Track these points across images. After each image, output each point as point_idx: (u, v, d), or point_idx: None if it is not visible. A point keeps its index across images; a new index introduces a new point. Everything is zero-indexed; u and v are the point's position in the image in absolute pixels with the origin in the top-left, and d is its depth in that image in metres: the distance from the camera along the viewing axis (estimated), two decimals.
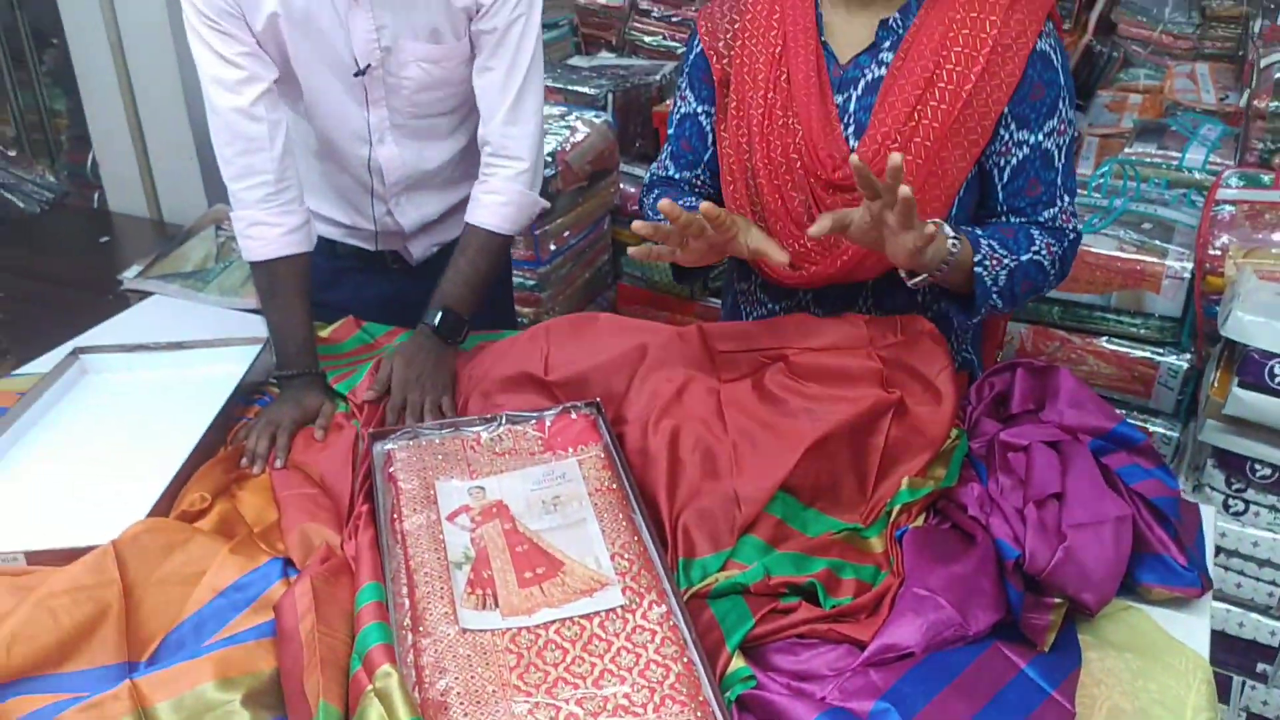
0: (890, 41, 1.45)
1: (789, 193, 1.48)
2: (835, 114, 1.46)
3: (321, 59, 1.63)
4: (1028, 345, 2.19)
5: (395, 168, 1.76)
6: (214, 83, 1.59)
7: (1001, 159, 1.45)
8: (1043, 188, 1.45)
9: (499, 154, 1.70)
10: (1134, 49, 3.36)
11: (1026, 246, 1.43)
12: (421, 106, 1.71)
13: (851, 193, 1.42)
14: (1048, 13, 1.42)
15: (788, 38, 1.48)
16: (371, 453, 1.35)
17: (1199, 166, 2.49)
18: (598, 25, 3.93)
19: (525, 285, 2.77)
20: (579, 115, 2.93)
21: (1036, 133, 1.43)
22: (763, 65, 1.48)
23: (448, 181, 1.84)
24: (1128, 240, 2.09)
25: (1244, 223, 1.95)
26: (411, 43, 1.63)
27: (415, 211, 1.83)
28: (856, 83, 1.46)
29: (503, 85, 1.66)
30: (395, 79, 1.66)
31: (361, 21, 1.60)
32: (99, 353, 1.69)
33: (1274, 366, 1.60)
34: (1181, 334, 2.09)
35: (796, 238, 1.48)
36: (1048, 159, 1.45)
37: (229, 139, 1.60)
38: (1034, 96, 1.42)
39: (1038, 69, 1.41)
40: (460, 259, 1.70)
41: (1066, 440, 1.34)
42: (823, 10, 1.49)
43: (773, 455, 1.28)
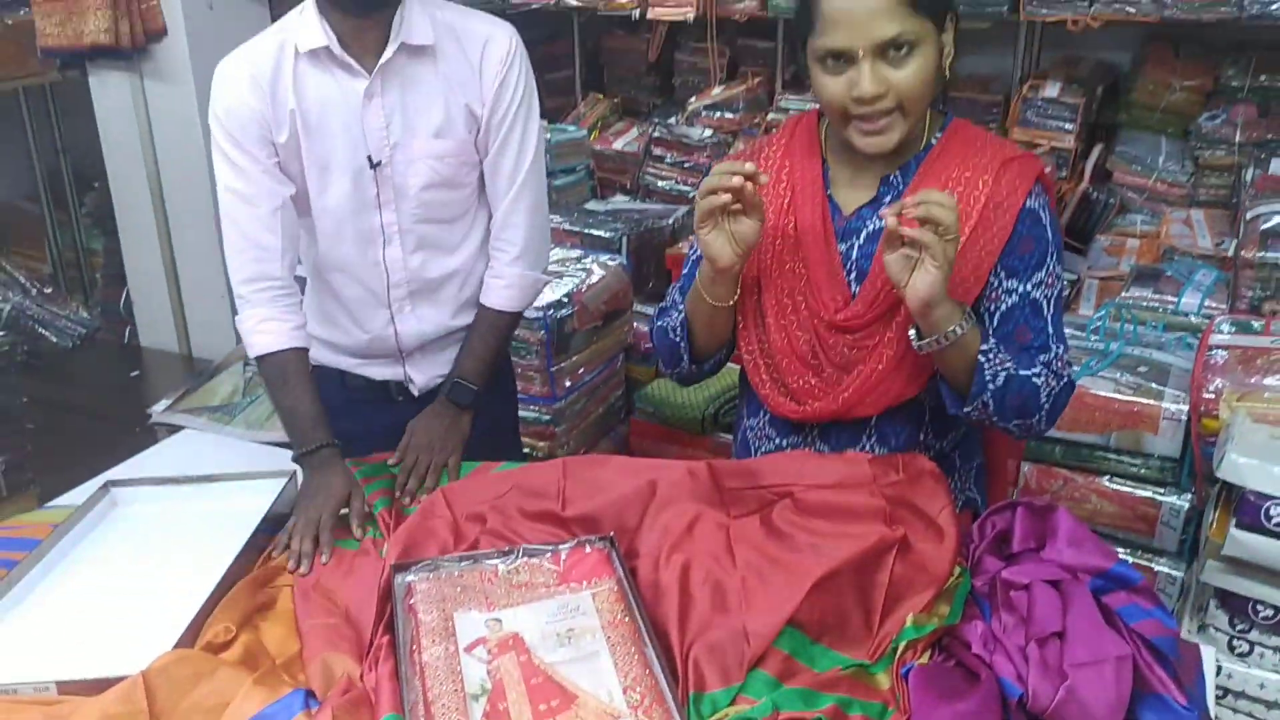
0: (891, 196, 1.55)
1: (795, 332, 1.57)
2: (839, 261, 1.55)
3: (334, 159, 1.76)
4: (1032, 483, 2.23)
5: (400, 269, 1.85)
6: (233, 196, 1.75)
7: (992, 304, 1.54)
8: (1033, 334, 1.53)
9: (500, 239, 1.90)
10: (1130, 195, 3.48)
11: (1028, 365, 1.50)
12: (428, 208, 1.82)
13: (853, 334, 1.52)
14: (1037, 175, 1.52)
15: (796, 189, 1.59)
16: (393, 584, 1.39)
17: (1194, 311, 2.57)
18: (613, 170, 4.10)
19: (540, 420, 2.84)
20: (594, 258, 3.05)
21: (1025, 283, 1.52)
22: (772, 214, 1.59)
23: (449, 300, 1.92)
24: (1124, 382, 2.15)
25: (1236, 367, 2.02)
26: (419, 140, 1.77)
27: (416, 324, 1.91)
28: (859, 232, 1.56)
29: (510, 175, 1.86)
30: (403, 178, 1.79)
31: (374, 118, 1.74)
32: (130, 485, 1.74)
33: (1270, 508, 1.64)
34: (1181, 474, 2.13)
35: (801, 375, 1.57)
36: (1036, 308, 1.53)
37: (243, 247, 1.76)
38: (1023, 250, 1.51)
39: (1027, 225, 1.51)
40: (472, 336, 1.91)
41: (1067, 579, 1.37)
42: (829, 165, 1.60)
43: (781, 590, 1.32)
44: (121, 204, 3.25)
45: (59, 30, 2.90)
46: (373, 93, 1.74)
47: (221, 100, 1.73)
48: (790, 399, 1.59)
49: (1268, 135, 3.24)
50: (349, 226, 1.81)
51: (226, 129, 1.73)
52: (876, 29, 1.40)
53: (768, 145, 1.66)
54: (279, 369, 1.78)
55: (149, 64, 3.01)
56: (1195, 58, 3.52)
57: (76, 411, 2.94)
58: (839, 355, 1.55)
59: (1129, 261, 3.06)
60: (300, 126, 1.73)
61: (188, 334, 3.28)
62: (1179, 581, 2.21)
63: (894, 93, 1.43)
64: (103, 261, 4.15)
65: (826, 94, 1.46)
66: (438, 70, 1.77)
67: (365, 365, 1.96)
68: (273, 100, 1.72)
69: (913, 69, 1.42)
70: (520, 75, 1.83)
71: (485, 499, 1.62)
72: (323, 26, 1.70)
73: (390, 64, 1.73)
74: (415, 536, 1.52)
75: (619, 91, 4.54)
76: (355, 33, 1.72)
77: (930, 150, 1.55)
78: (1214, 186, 3.35)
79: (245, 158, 1.73)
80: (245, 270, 1.77)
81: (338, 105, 1.74)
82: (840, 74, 1.44)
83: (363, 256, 1.84)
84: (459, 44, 1.78)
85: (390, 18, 1.72)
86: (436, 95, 1.77)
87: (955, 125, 1.58)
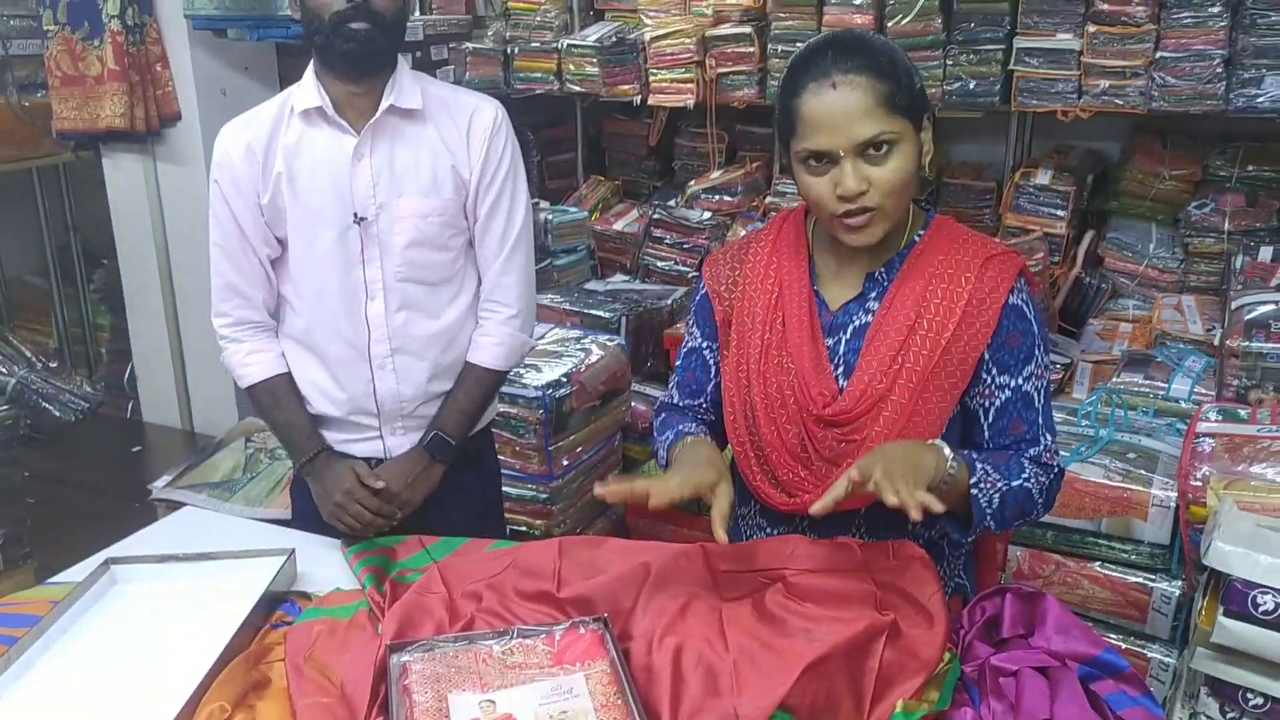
0: (876, 292, 1.59)
1: (784, 426, 1.59)
2: (826, 355, 1.59)
3: (322, 214, 1.86)
4: (1024, 568, 2.24)
5: (382, 326, 1.91)
6: (219, 250, 1.91)
7: (986, 400, 1.57)
8: (1026, 427, 1.57)
9: (492, 300, 1.99)
10: (1122, 281, 3.54)
11: (1018, 473, 1.53)
12: (411, 267, 1.90)
13: (842, 427, 1.54)
14: (1018, 271, 1.57)
15: (784, 285, 1.63)
16: (388, 665, 1.41)
17: (1185, 397, 2.61)
18: (613, 250, 4.17)
19: (538, 499, 2.86)
20: (593, 338, 3.09)
21: (1017, 376, 1.56)
22: (760, 309, 1.63)
23: (430, 363, 1.97)
24: (1114, 469, 2.18)
25: (1223, 455, 2.05)
26: (405, 198, 1.86)
27: (395, 384, 1.95)
28: (846, 327, 1.60)
29: (500, 240, 1.96)
30: (388, 235, 1.87)
31: (362, 176, 1.85)
32: (130, 563, 1.76)
33: (1257, 596, 1.65)
34: (1172, 561, 2.15)
35: (791, 468, 1.59)
36: (1028, 401, 1.57)
37: (227, 295, 1.93)
38: (1011, 344, 1.55)
39: (1012, 320, 1.55)
40: (457, 390, 1.99)
41: (1055, 666, 1.39)
42: (815, 260, 1.65)
43: (772, 674, 1.33)
44: (130, 281, 3.30)
45: (75, 114, 2.98)
46: (362, 152, 1.85)
47: (219, 166, 1.89)
48: (781, 491, 1.62)
49: (1256, 224, 3.31)
50: (333, 281, 1.90)
51: (220, 192, 1.88)
52: (856, 130, 1.45)
53: (755, 241, 1.71)
54: (270, 393, 1.95)
55: (162, 147, 3.09)
56: (1183, 148, 3.61)
57: (77, 486, 2.96)
58: (828, 449, 1.57)
59: (1121, 345, 3.11)
60: (286, 187, 1.86)
61: (190, 410, 3.31)
62: (1171, 669, 2.21)
63: (876, 189, 1.47)
64: (109, 337, 4.20)
65: (812, 193, 1.51)
66: (426, 132, 1.89)
67: (347, 443, 2.00)
68: (263, 163, 1.86)
69: (892, 166, 1.47)
70: (506, 143, 1.95)
71: (481, 577, 1.64)
72: (318, 90, 1.85)
73: (380, 124, 1.85)
74: (411, 613, 1.54)
75: (620, 174, 4.64)
76: (348, 97, 1.85)
77: (914, 247, 1.59)
78: (1204, 273, 3.40)
79: (233, 220, 1.89)
80: (230, 316, 1.94)
81: (328, 163, 1.85)
82: (823, 174, 1.49)
83: (346, 312, 1.91)
84: (448, 112, 1.91)
85: (383, 85, 1.86)
86: (424, 155, 1.88)
87: (938, 222, 1.63)
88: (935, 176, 4.03)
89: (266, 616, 1.64)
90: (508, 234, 1.96)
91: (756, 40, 3.73)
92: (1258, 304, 2.50)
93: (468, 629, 1.50)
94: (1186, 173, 3.53)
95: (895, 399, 1.52)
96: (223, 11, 2.81)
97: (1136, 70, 3.15)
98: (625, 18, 4.17)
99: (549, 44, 4.12)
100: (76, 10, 2.90)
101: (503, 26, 4.24)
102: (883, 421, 1.53)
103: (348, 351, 1.93)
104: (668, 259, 3.99)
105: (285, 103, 1.89)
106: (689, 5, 3.95)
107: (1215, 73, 3.06)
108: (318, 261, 1.89)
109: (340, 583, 1.75)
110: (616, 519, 3.15)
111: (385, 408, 1.96)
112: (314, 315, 1.93)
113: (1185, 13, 3.07)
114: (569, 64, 4.07)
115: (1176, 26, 3.09)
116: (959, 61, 3.42)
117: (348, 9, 1.77)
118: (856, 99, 1.45)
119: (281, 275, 1.94)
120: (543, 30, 4.16)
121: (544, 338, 3.12)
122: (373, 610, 1.62)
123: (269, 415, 1.98)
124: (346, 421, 1.98)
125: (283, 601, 1.70)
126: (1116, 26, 3.15)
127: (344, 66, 1.82)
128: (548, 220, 3.86)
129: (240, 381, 1.97)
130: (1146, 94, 3.17)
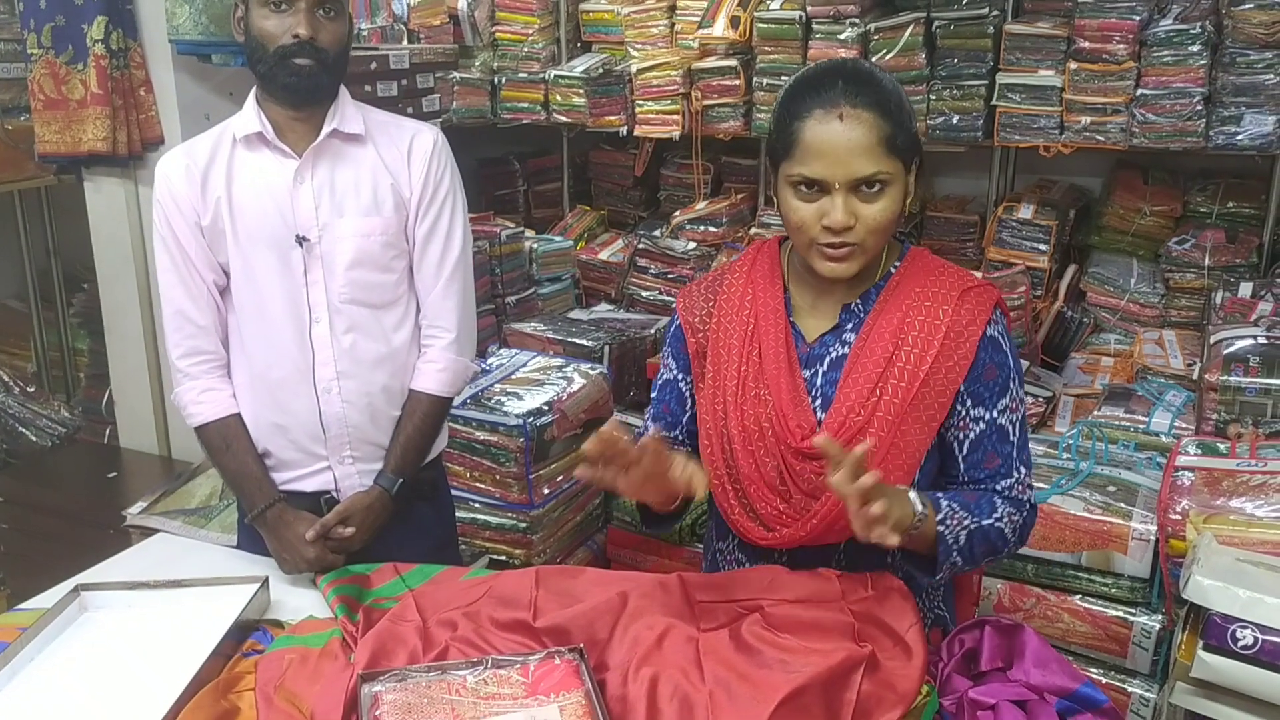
0: (853, 324, 1.58)
1: (762, 458, 1.58)
2: (803, 387, 1.57)
3: (264, 237, 1.87)
4: (1005, 601, 2.24)
5: (327, 348, 1.92)
6: (168, 276, 1.90)
7: (961, 433, 1.56)
8: (1000, 460, 1.56)
9: (433, 325, 2.00)
10: (1104, 315, 3.56)
11: (989, 512, 1.53)
12: (354, 288, 1.91)
13: (820, 460, 1.51)
14: (995, 303, 1.56)
15: (759, 317, 1.62)
16: (360, 694, 1.39)
17: (1165, 431, 2.62)
18: (598, 279, 4.18)
19: (518, 528, 2.84)
20: (576, 367, 3.08)
21: (991, 409, 1.55)
22: (736, 341, 1.62)
23: (378, 387, 1.96)
24: (1094, 502, 2.17)
25: (1202, 489, 2.05)
26: (347, 219, 1.89)
27: (341, 406, 1.94)
28: (823, 359, 1.59)
29: (438, 264, 1.98)
30: (331, 256, 1.89)
31: (304, 199, 1.87)
32: (100, 589, 1.74)
33: (1236, 631, 1.64)
34: (1152, 595, 2.14)
35: (770, 502, 1.57)
36: (1003, 434, 1.56)
37: (179, 324, 1.92)
38: (987, 377, 1.54)
39: (988, 352, 1.54)
40: (406, 423, 1.99)
41: (1033, 699, 1.38)
42: (791, 291, 1.64)
43: (748, 706, 1.32)
44: (110, 305, 3.27)
45: (58, 138, 2.97)
46: (303, 175, 1.88)
47: (158, 189, 1.89)
48: (759, 525, 1.60)
49: (1236, 260, 3.34)
50: (278, 304, 1.90)
51: (163, 214, 1.89)
52: (855, 166, 1.45)
53: (729, 272, 1.70)
54: (221, 435, 1.93)
55: (143, 170, 3.07)
56: (1164, 184, 3.64)
57: (51, 512, 2.92)
58: (807, 482, 1.55)
59: (1103, 379, 3.12)
60: (228, 211, 1.87)
61: (168, 436, 3.27)
62: (1152, 703, 2.20)
63: (862, 226, 1.47)
64: (87, 361, 4.16)
65: (796, 217, 1.51)
66: (366, 154, 1.92)
67: (297, 480, 1.98)
68: (203, 187, 1.87)
69: (881, 206, 1.47)
70: (445, 166, 1.98)
71: (457, 605, 1.63)
72: (259, 116, 1.88)
73: (321, 147, 1.88)
74: (384, 641, 1.52)
75: (606, 204, 4.65)
76: (290, 123, 1.89)
77: (890, 278, 1.59)
78: (1185, 308, 3.43)
79: (176, 243, 1.89)
80: (183, 346, 1.93)
81: (269, 187, 1.87)
82: (812, 201, 1.49)
83: (291, 335, 1.91)
84: (388, 135, 1.96)
85: (324, 112, 1.89)
86: (364, 175, 1.91)
87: (914, 254, 1.62)
88: (919, 209, 4.06)
89: (238, 645, 1.62)
90: (446, 257, 1.98)
91: (742, 73, 3.76)
92: (1236, 339, 2.52)
93: (442, 658, 1.48)
94: (1167, 208, 3.56)
95: (874, 431, 1.51)
96: (207, 37, 2.81)
97: (1117, 107, 3.19)
98: (612, 50, 4.20)
99: (536, 74, 4.14)
100: (61, 34, 2.90)
101: (490, 57, 4.26)
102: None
103: (293, 375, 1.93)
104: (652, 289, 4.00)
105: (225, 130, 1.91)
106: (675, 38, 3.99)
107: (1195, 110, 3.10)
108: (261, 285, 1.90)
109: (313, 610, 1.73)
110: (598, 548, 3.13)
111: (331, 432, 1.95)
112: (259, 340, 1.92)
113: (1165, 51, 3.11)
114: (556, 94, 4.09)
115: (1157, 64, 3.13)
116: (942, 96, 3.45)
117: (292, 44, 1.80)
118: (860, 135, 1.45)
119: (227, 304, 1.94)
120: (530, 61, 4.19)
121: (526, 366, 3.11)
122: (345, 639, 1.60)
123: (219, 459, 1.96)
124: (295, 456, 1.97)
125: (254, 630, 1.68)
126: (1097, 64, 3.19)
127: (286, 96, 1.85)
128: (533, 249, 3.87)
129: (190, 420, 1.95)
130: (1127, 130, 3.20)
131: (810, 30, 3.61)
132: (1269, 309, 2.93)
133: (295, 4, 1.79)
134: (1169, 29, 3.12)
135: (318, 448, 1.96)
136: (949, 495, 1.52)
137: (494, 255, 3.67)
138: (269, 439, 1.96)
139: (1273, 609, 1.61)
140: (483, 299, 3.58)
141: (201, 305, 1.91)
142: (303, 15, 1.79)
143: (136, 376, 3.26)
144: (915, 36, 3.44)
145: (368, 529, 1.94)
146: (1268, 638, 1.59)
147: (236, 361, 1.96)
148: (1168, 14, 3.21)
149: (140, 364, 3.24)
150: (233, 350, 1.96)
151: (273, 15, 1.80)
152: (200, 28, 2.79)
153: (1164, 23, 3.16)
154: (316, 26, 1.81)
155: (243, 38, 1.87)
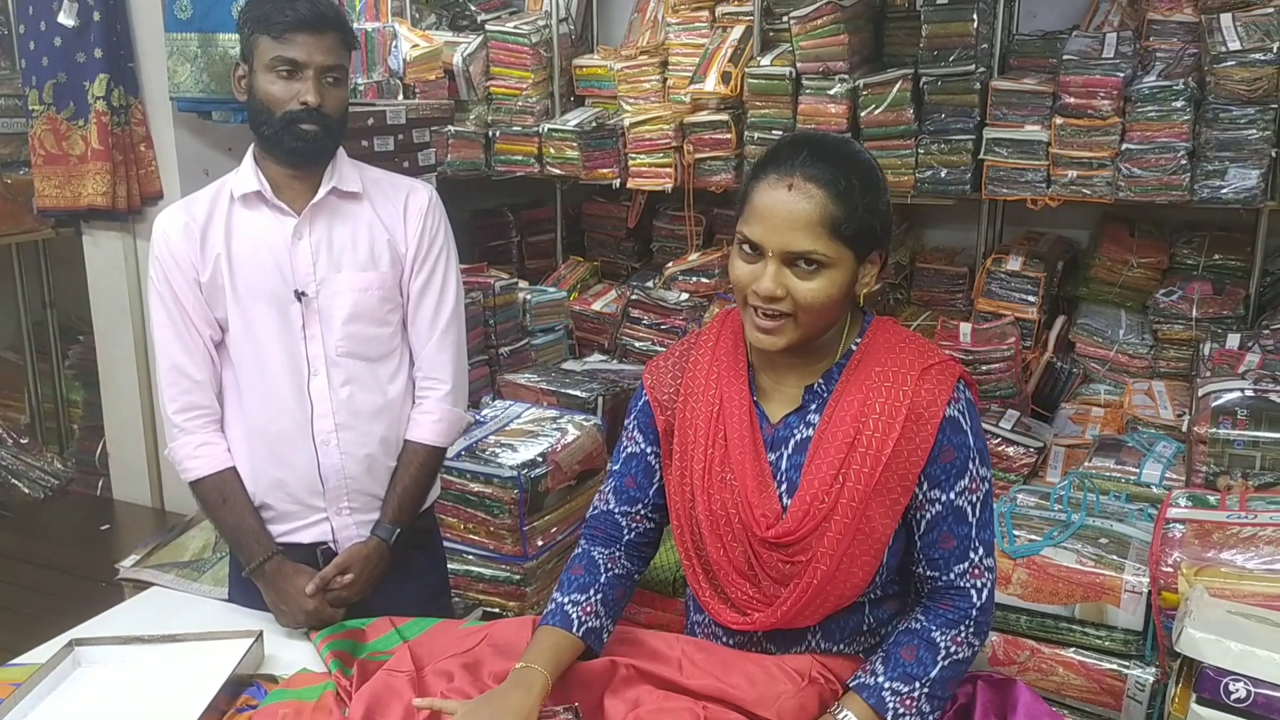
0: (816, 404, 1.55)
1: (730, 545, 1.55)
2: (769, 472, 1.54)
3: (263, 293, 1.90)
4: (999, 654, 2.23)
5: (325, 401, 1.93)
6: (164, 332, 1.92)
7: (918, 513, 1.53)
8: (955, 542, 1.52)
9: (429, 377, 2.03)
10: (1093, 366, 3.59)
11: (933, 659, 1.49)
12: (352, 341, 1.94)
13: (786, 549, 1.50)
14: (957, 378, 1.52)
15: (724, 398, 1.58)
16: None
17: (1156, 482, 2.63)
18: (591, 330, 4.21)
19: (511, 580, 2.83)
20: (570, 418, 3.09)
21: (948, 491, 1.51)
22: (702, 422, 1.58)
23: (375, 438, 1.98)
24: (1086, 554, 2.18)
25: (1194, 541, 2.05)
26: (344, 274, 1.92)
27: (339, 460, 1.95)
28: (788, 441, 1.55)
29: (432, 318, 2.02)
30: (329, 311, 1.91)
31: (302, 255, 1.90)
32: (94, 644, 1.74)
33: (1229, 684, 1.65)
34: (1146, 647, 2.14)
35: (740, 587, 1.55)
36: (960, 515, 1.52)
37: (175, 379, 1.92)
38: (944, 459, 1.50)
39: (947, 434, 1.50)
40: (402, 474, 2.01)
41: None
42: (755, 371, 1.60)
43: None
44: (105, 358, 3.28)
45: (58, 192, 3.00)
46: (301, 232, 1.91)
47: (156, 245, 1.91)
48: (732, 609, 1.57)
49: (1223, 311, 3.38)
50: (276, 358, 1.92)
51: (161, 271, 1.90)
52: (790, 240, 1.43)
53: (695, 348, 1.66)
54: (217, 490, 1.93)
55: (142, 224, 3.10)
56: (1150, 236, 3.70)
57: (44, 565, 2.90)
58: (775, 570, 1.52)
59: (1093, 430, 3.13)
60: (227, 267, 1.89)
61: (162, 488, 3.27)
62: None
63: (791, 300, 1.45)
64: (81, 413, 4.17)
65: (734, 273, 1.51)
66: (363, 210, 1.96)
67: (294, 531, 1.99)
68: (201, 244, 1.89)
69: (815, 286, 1.44)
70: (440, 223, 2.03)
71: (454, 653, 1.63)
72: (257, 174, 1.91)
73: (319, 205, 1.92)
74: (379, 694, 1.53)
75: (599, 255, 4.70)
76: (288, 181, 1.92)
77: (851, 357, 1.55)
78: (1174, 359, 3.46)
79: (174, 298, 1.91)
80: (179, 400, 1.93)
81: (268, 243, 1.90)
82: (752, 262, 1.47)
83: (289, 389, 1.93)
84: (384, 192, 2.01)
85: (322, 170, 1.93)
86: (361, 231, 1.95)
87: (876, 327, 1.58)
88: (909, 260, 4.10)
89: (232, 700, 1.62)
90: (440, 310, 2.02)
91: (733, 127, 3.82)
92: (1224, 391, 2.54)
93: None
94: (1154, 260, 3.61)
95: (839, 518, 1.48)
96: (208, 94, 2.85)
97: (1103, 161, 3.24)
98: (605, 104, 4.27)
99: (530, 128, 4.20)
100: (62, 91, 2.94)
101: (484, 111, 4.32)
102: (827, 541, 1.48)
103: (292, 428, 1.94)
104: (645, 339, 4.03)
105: (222, 187, 1.94)
106: (667, 93, 4.05)
107: (1180, 164, 3.16)
108: (260, 339, 1.92)
109: (307, 664, 1.73)
110: None
111: (329, 484, 1.96)
112: (258, 394, 1.94)
113: (1150, 106, 3.17)
114: (549, 147, 4.15)
115: (1141, 119, 3.19)
116: (930, 150, 3.51)
117: (300, 110, 1.83)
118: (804, 210, 1.42)
119: (224, 359, 1.96)
120: (524, 115, 4.25)
121: (520, 417, 3.12)
122: (339, 693, 1.60)
123: (216, 513, 1.96)
124: (293, 508, 1.97)
125: (249, 685, 1.67)
126: (1083, 119, 3.25)
127: (289, 159, 1.89)
128: (526, 300, 3.89)
129: (185, 475, 1.95)
130: (1113, 184, 3.26)
131: (800, 86, 3.68)
132: (1256, 361, 2.96)
133: (304, 71, 1.83)
134: (1153, 85, 3.19)
135: (316, 500, 1.97)
136: (887, 670, 1.49)
137: (488, 306, 3.70)
138: (267, 492, 1.96)
139: (1265, 661, 1.62)
140: (476, 350, 3.60)
141: (198, 360, 1.93)
142: (311, 83, 1.83)
143: (131, 429, 3.27)
144: (903, 92, 3.50)
145: (366, 579, 1.94)
146: (1260, 690, 1.59)
147: (232, 416, 1.97)
148: (1151, 70, 3.28)
149: (135, 416, 3.25)
150: (228, 405, 1.97)
151: (280, 81, 1.83)
152: (201, 85, 2.84)
153: (1148, 79, 3.23)
154: (323, 93, 1.85)
155: (244, 97, 1.90)
